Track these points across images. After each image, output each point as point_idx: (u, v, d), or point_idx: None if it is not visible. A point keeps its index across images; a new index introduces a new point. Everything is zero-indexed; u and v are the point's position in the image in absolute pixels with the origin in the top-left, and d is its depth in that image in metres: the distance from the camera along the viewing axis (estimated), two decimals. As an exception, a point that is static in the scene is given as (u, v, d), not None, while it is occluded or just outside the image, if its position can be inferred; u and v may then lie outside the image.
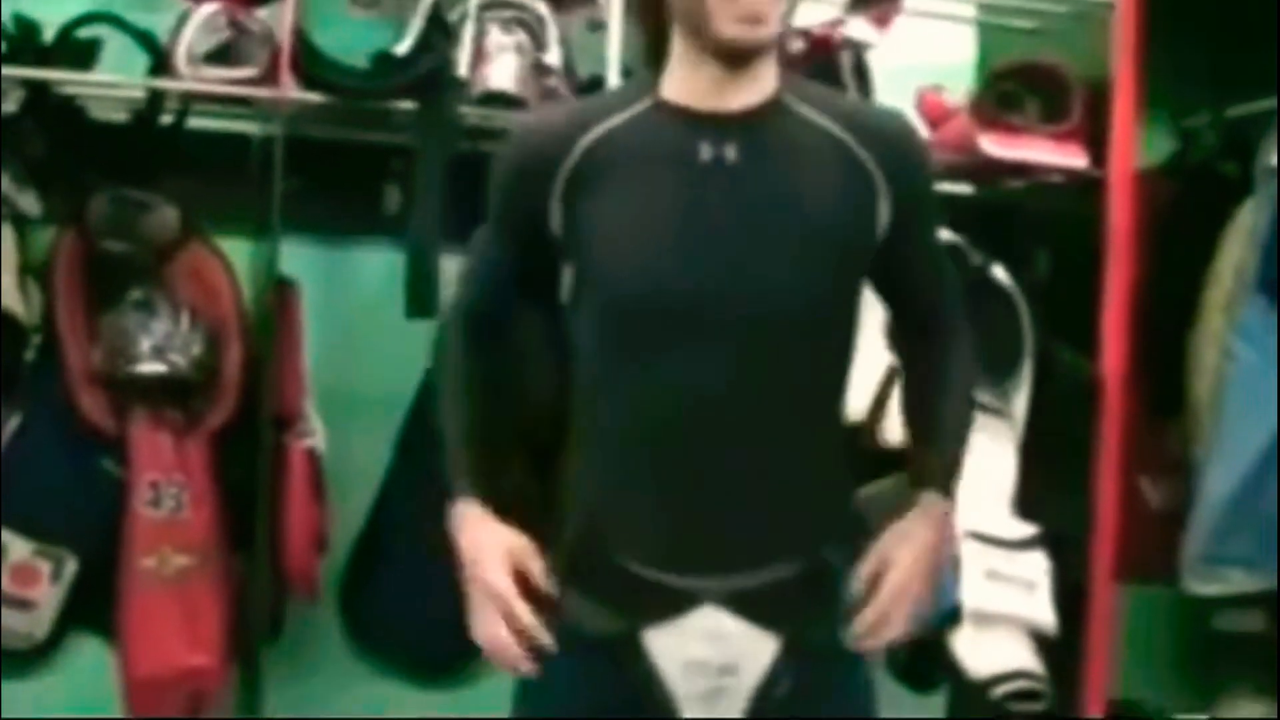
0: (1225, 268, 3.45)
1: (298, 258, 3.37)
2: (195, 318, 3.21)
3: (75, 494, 3.18)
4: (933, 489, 2.13)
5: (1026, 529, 3.21)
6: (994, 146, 3.39)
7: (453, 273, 3.15)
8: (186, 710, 3.20)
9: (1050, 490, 3.28)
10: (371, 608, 3.56)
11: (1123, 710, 3.47)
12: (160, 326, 3.16)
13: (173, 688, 3.18)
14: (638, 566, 2.04)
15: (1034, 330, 3.32)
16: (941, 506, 2.13)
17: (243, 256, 3.40)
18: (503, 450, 2.20)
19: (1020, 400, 3.30)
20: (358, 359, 3.54)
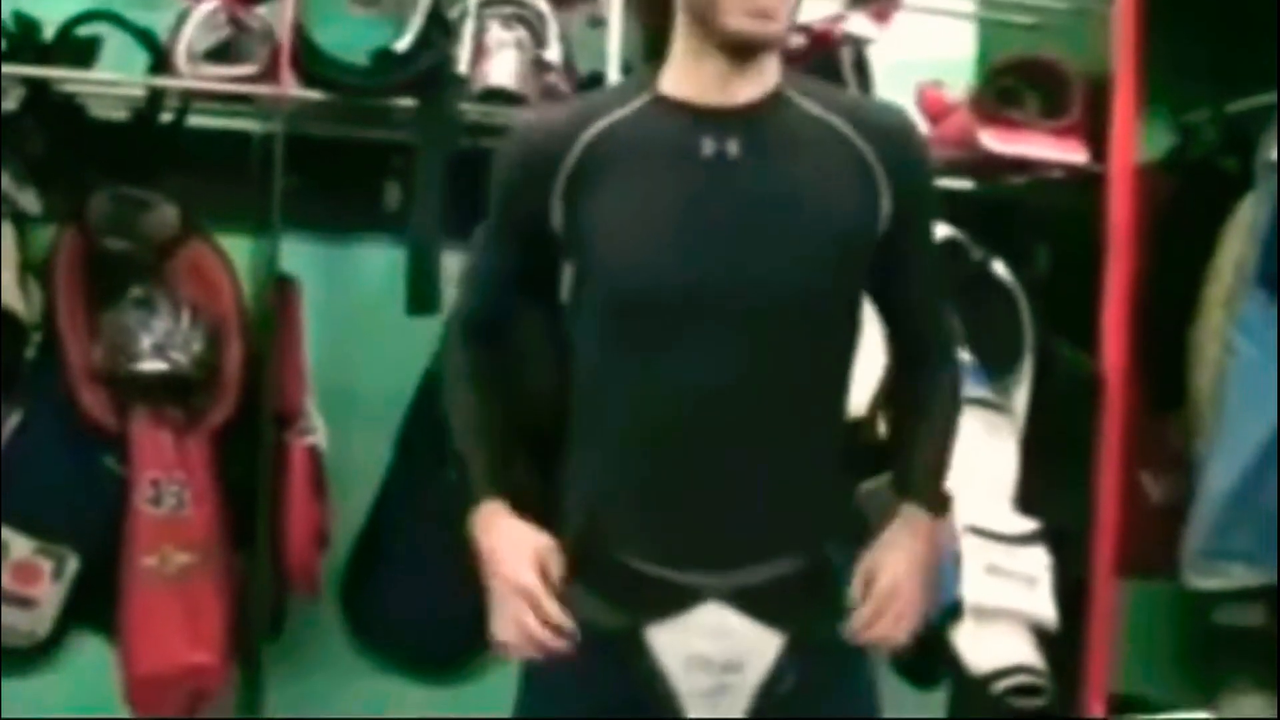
0: (1225, 262, 3.45)
1: (298, 255, 3.37)
2: (196, 315, 3.21)
3: (76, 492, 3.18)
4: (912, 500, 2.15)
5: (1027, 524, 3.21)
6: (994, 142, 3.39)
7: (454, 269, 3.17)
8: (188, 708, 3.20)
9: (1051, 485, 3.28)
10: (372, 605, 3.56)
11: (1123, 705, 3.47)
12: (161, 324, 3.16)
13: (174, 685, 3.18)
14: (640, 563, 2.04)
15: (1034, 325, 3.32)
16: (919, 519, 2.15)
17: (243, 254, 3.40)
18: (505, 449, 2.20)
19: (1021, 395, 3.30)
20: (358, 356, 3.54)
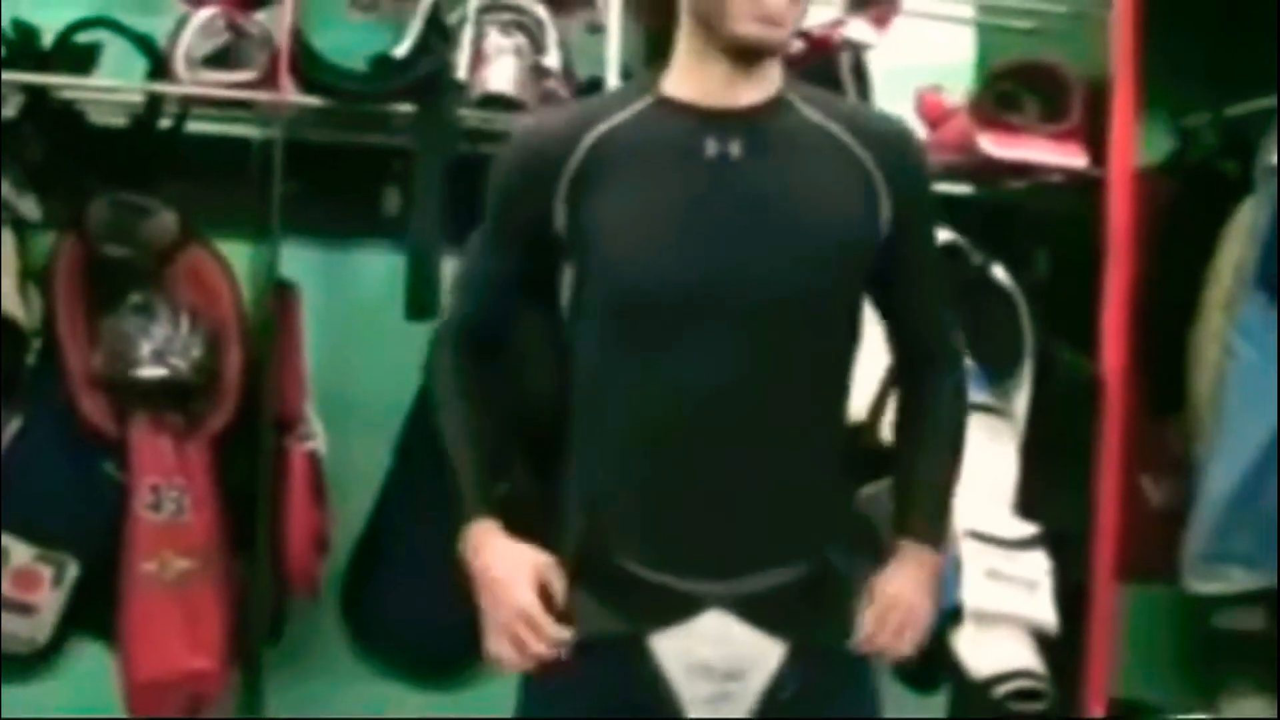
0: (1225, 266, 3.45)
1: (298, 260, 3.37)
2: (195, 321, 3.20)
3: (76, 498, 3.18)
4: (913, 538, 2.16)
5: (1027, 528, 3.21)
6: (993, 146, 3.39)
7: (453, 274, 3.17)
8: (187, 713, 3.20)
9: (1051, 489, 3.28)
10: (372, 610, 3.56)
11: (1124, 709, 3.47)
12: (160, 330, 3.16)
13: (174, 691, 3.18)
14: (642, 569, 2.04)
15: (1034, 329, 3.32)
16: (924, 555, 2.15)
17: (243, 259, 3.40)
18: (504, 455, 2.20)
19: (1020, 399, 3.30)
20: (358, 361, 3.54)
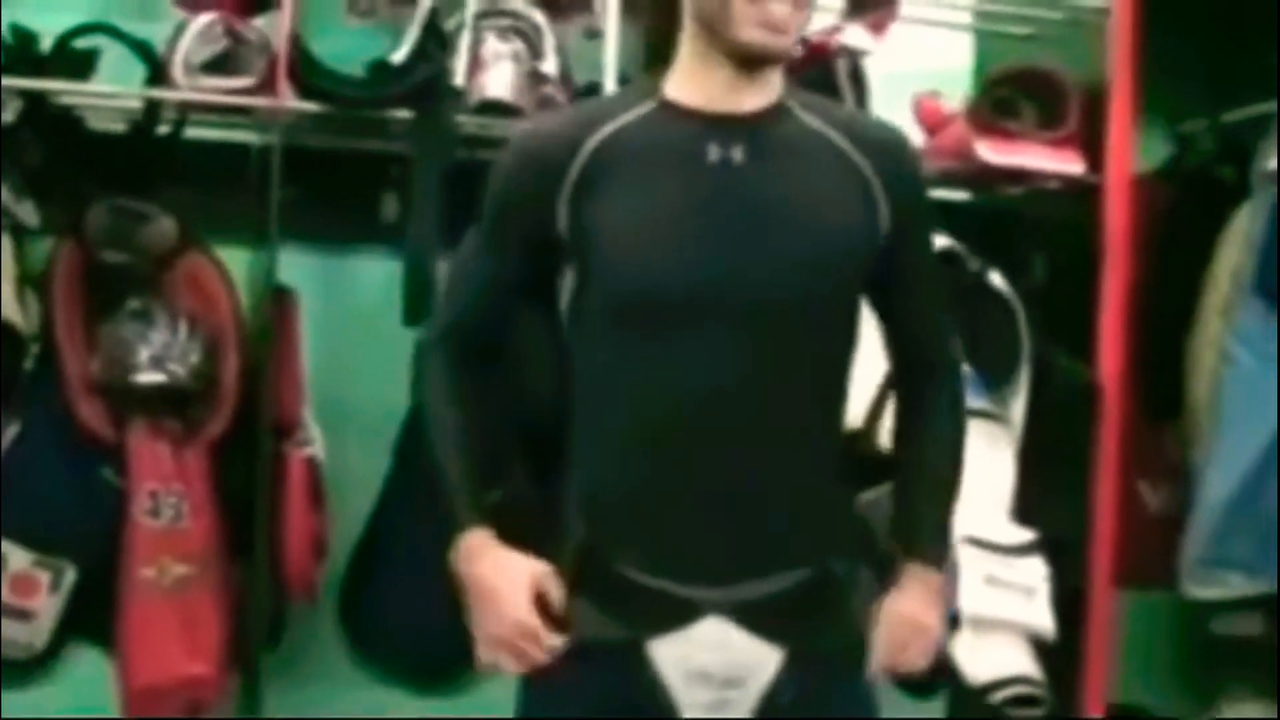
0: (1222, 272, 3.45)
1: (296, 266, 3.37)
2: (193, 327, 3.21)
3: (74, 504, 3.18)
4: (920, 561, 2.16)
5: (1025, 534, 3.21)
6: (991, 153, 3.39)
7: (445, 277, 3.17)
8: (186, 718, 3.20)
9: (1048, 495, 3.28)
10: (371, 615, 3.55)
11: (1122, 715, 3.47)
12: (158, 336, 3.16)
13: (172, 696, 3.18)
14: (641, 575, 2.04)
15: (1031, 335, 3.32)
16: (930, 577, 2.16)
17: (241, 265, 3.40)
18: (499, 460, 2.20)
19: (1018, 405, 3.30)
20: (356, 367, 3.54)
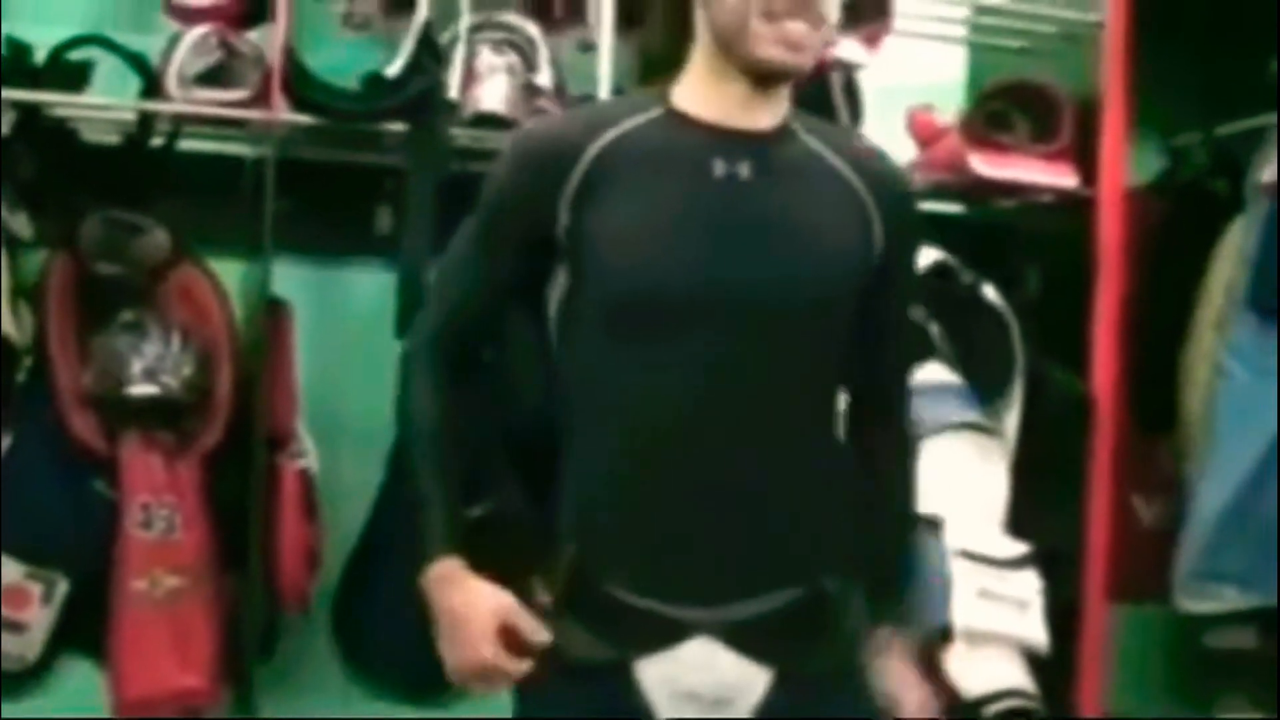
0: (1216, 285, 3.46)
1: (289, 278, 3.37)
2: (187, 339, 3.21)
3: (66, 516, 3.17)
4: (889, 624, 2.19)
5: (1018, 548, 3.21)
6: (984, 166, 3.40)
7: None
8: (178, 731, 3.21)
9: (1042, 508, 3.28)
10: (364, 627, 3.55)
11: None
12: (151, 348, 3.16)
13: (164, 708, 3.17)
14: (630, 595, 2.03)
15: (1025, 349, 3.33)
16: (904, 640, 2.20)
17: (235, 277, 3.40)
18: (484, 475, 2.20)
19: (1011, 419, 3.31)
20: (349, 379, 3.53)
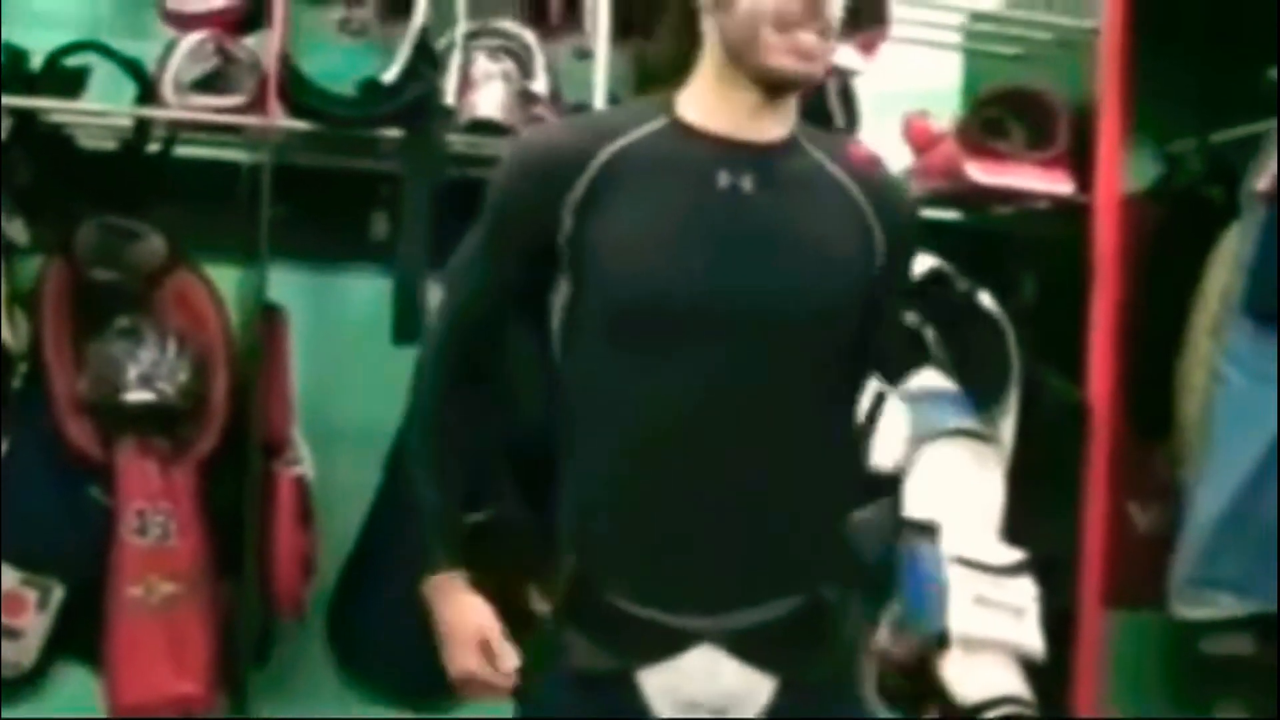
0: (1212, 292, 3.46)
1: (285, 285, 3.36)
2: (182, 345, 3.20)
3: (62, 522, 3.17)
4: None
5: (1014, 554, 3.21)
6: (980, 173, 3.40)
7: (439, 299, 3.16)
8: (174, 737, 3.20)
9: (1038, 515, 3.28)
10: (359, 633, 3.54)
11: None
12: (147, 354, 3.16)
13: (160, 715, 3.17)
14: (631, 605, 2.03)
15: (1021, 355, 3.32)
16: None
17: (231, 283, 3.40)
18: (486, 484, 2.20)
19: (1007, 425, 3.30)
20: (345, 386, 3.54)
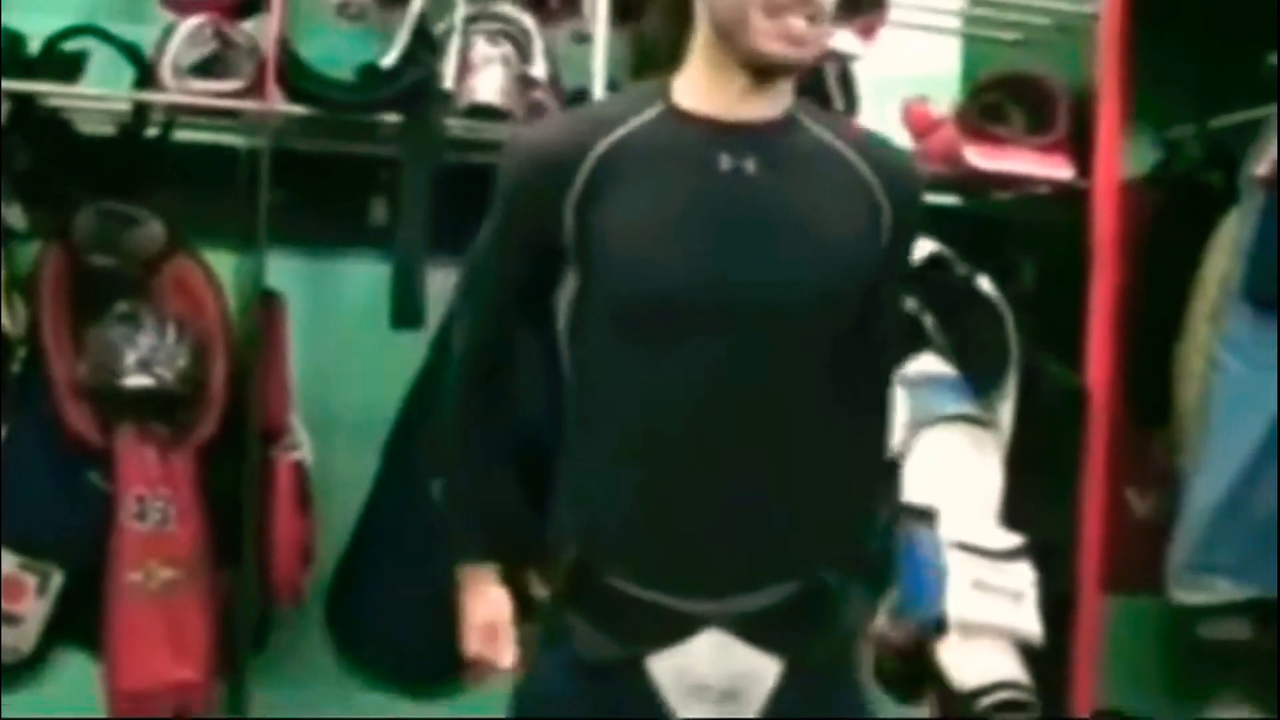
0: (1210, 278, 3.46)
1: (284, 270, 3.36)
2: (181, 331, 3.20)
3: (61, 508, 3.17)
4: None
5: (1013, 539, 3.21)
6: (979, 158, 3.39)
7: (439, 284, 3.17)
8: (173, 723, 3.20)
9: (1036, 501, 3.28)
10: (357, 619, 3.55)
11: (1105, 718, 3.47)
12: (146, 340, 3.15)
13: (159, 701, 3.17)
14: (638, 589, 2.03)
15: (1020, 340, 3.33)
16: None
17: (229, 269, 3.40)
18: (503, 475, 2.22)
19: (1006, 411, 3.31)
20: (344, 371, 3.54)
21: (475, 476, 2.17)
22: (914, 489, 3.13)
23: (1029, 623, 3.17)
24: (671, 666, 2.03)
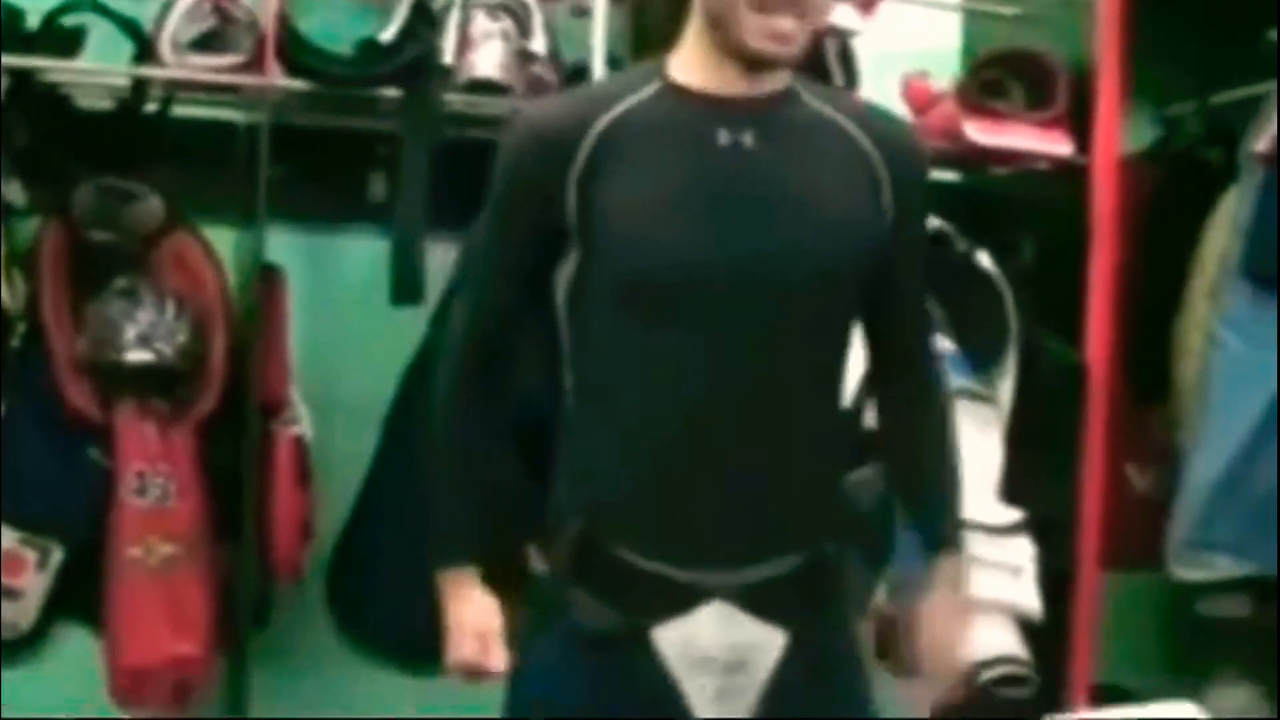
0: (1209, 255, 3.46)
1: (283, 245, 3.36)
2: (181, 306, 3.20)
3: (61, 483, 3.17)
4: (947, 552, 2.23)
5: (1012, 515, 3.22)
6: (979, 133, 3.40)
7: (438, 260, 3.17)
8: (173, 699, 3.20)
9: (1036, 476, 3.29)
10: (358, 595, 3.55)
11: (1107, 696, 3.47)
12: (145, 315, 3.15)
13: (159, 677, 3.17)
14: (642, 561, 2.03)
15: (1019, 317, 3.33)
16: (959, 568, 2.25)
17: (228, 244, 3.39)
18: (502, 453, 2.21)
19: (1006, 387, 3.31)
20: (343, 346, 3.54)
21: (469, 458, 2.15)
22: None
23: (1028, 598, 3.17)
24: (676, 638, 2.04)
